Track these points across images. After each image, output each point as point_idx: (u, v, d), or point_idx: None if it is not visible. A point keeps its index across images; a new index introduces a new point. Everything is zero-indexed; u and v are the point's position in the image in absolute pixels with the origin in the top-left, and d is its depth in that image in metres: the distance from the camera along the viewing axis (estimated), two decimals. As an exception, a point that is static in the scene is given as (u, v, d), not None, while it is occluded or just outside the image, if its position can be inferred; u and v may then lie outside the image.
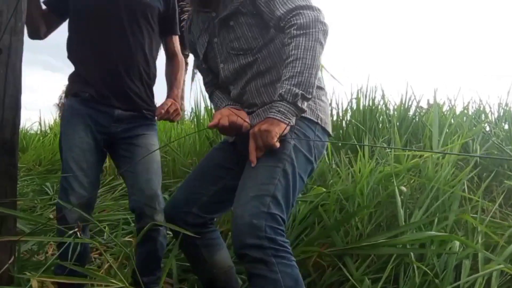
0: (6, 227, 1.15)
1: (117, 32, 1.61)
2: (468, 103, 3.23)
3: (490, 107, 3.20)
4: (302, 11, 1.17)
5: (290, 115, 1.15)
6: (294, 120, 1.18)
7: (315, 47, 1.15)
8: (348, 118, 3.07)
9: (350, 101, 3.09)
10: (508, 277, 1.54)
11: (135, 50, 1.64)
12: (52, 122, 6.70)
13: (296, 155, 1.21)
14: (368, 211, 1.83)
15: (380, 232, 1.74)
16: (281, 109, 1.14)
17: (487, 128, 2.85)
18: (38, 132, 6.35)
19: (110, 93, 1.63)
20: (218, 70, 1.40)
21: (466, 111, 3.04)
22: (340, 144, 2.69)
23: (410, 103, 3.08)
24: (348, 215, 1.80)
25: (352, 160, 2.20)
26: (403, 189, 1.84)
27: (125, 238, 2.25)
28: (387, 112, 3.11)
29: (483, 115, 3.11)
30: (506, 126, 2.87)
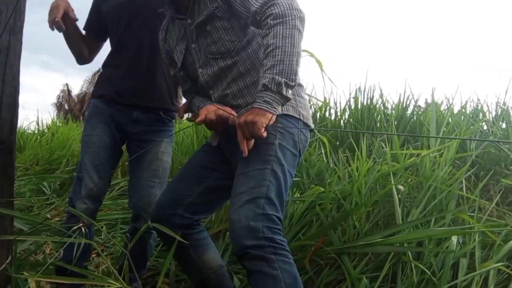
0: (3, 227, 1.15)
1: (139, 31, 1.67)
2: (466, 102, 3.24)
3: (488, 106, 3.21)
4: (276, 1, 1.18)
5: (276, 104, 1.14)
6: (280, 109, 1.17)
7: (294, 34, 1.15)
8: (346, 117, 3.08)
9: (348, 100, 3.10)
10: (506, 276, 1.54)
11: (156, 48, 1.67)
12: (49, 121, 6.68)
13: (283, 153, 1.23)
14: (366, 210, 1.84)
15: (377, 231, 1.74)
16: (266, 98, 1.14)
17: (485, 127, 2.86)
18: (36, 131, 6.33)
19: (130, 91, 1.68)
20: (196, 76, 1.41)
21: (464, 110, 3.05)
22: (338, 143, 2.70)
23: (408, 102, 3.09)
24: (345, 213, 1.80)
25: (349, 159, 2.20)
26: (401, 187, 1.84)
27: (122, 237, 2.25)
28: (385, 111, 3.11)
29: (480, 114, 3.11)
30: (504, 125, 2.87)
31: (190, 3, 1.33)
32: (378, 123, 2.95)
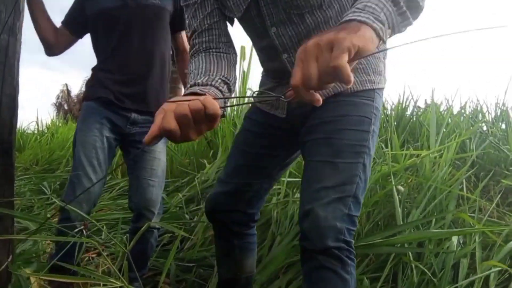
0: (4, 227, 1.15)
1: (135, 36, 1.67)
2: (466, 103, 3.25)
3: (487, 107, 3.22)
4: None
5: (384, 24, 0.70)
6: (386, 38, 0.73)
7: None
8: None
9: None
10: (506, 276, 1.54)
11: (152, 52, 1.69)
12: (49, 121, 6.69)
13: (373, 142, 1.08)
14: (366, 210, 1.83)
15: (378, 232, 1.74)
16: (368, 13, 0.70)
17: (484, 128, 2.86)
18: (35, 131, 6.33)
19: (128, 97, 1.68)
20: (260, 35, 1.13)
21: (463, 110, 3.05)
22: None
23: (407, 103, 3.10)
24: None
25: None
26: (401, 188, 1.84)
27: (123, 237, 2.25)
28: (385, 111, 3.11)
29: (480, 115, 3.12)
30: (503, 126, 2.88)
31: None
32: (378, 124, 2.94)
